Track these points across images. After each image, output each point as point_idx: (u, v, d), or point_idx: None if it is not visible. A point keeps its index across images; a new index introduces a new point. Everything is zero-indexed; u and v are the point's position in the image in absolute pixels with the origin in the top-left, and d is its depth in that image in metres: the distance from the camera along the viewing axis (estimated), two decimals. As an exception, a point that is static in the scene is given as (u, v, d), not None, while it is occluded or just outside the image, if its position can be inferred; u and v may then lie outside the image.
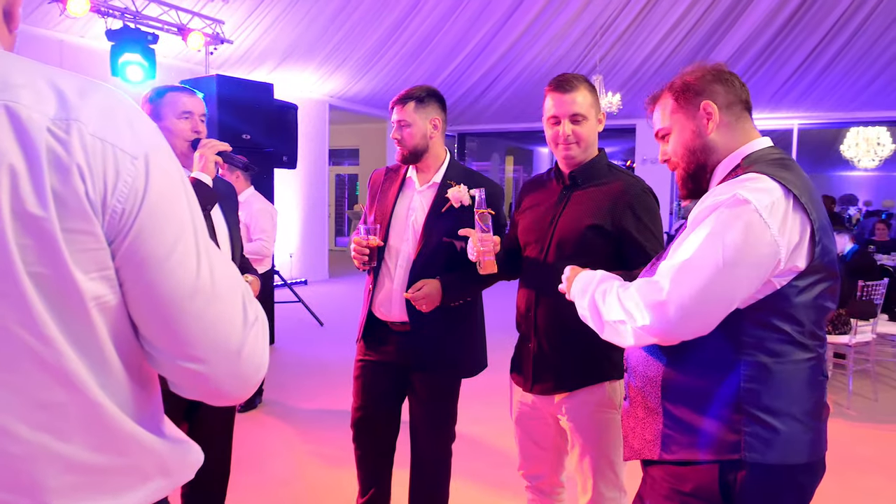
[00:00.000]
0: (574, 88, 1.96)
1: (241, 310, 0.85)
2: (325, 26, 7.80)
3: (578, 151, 2.00)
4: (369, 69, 9.28)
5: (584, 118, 1.97)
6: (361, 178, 15.57)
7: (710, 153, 1.42)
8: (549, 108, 2.00)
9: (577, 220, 1.97)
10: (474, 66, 9.47)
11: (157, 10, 6.19)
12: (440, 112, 2.34)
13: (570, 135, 1.97)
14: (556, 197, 2.06)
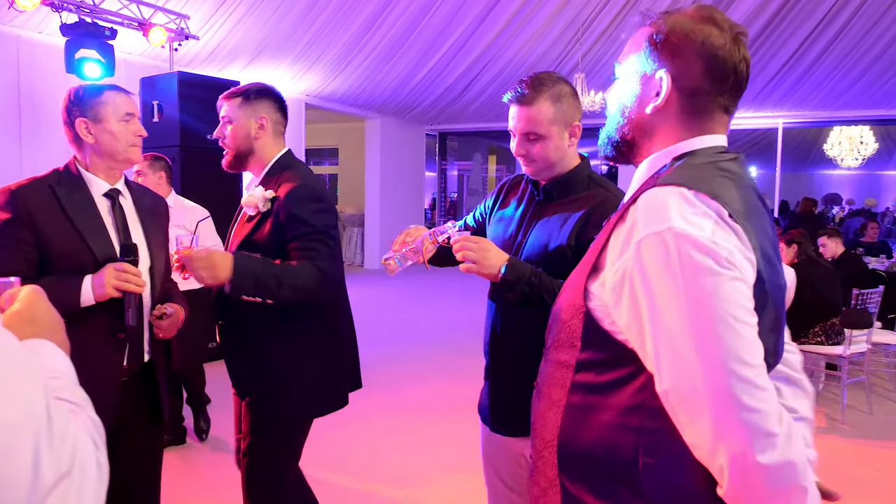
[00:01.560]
0: (531, 101, 1.70)
1: (27, 465, 0.56)
2: (297, 22, 7.51)
3: (539, 169, 1.77)
4: (345, 67, 9.00)
5: (541, 137, 1.71)
6: (341, 178, 15.27)
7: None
8: (509, 118, 1.78)
9: (545, 242, 1.74)
10: (453, 63, 9.23)
11: (117, 3, 5.87)
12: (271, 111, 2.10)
13: (525, 154, 1.75)
14: (527, 211, 1.84)
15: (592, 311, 1.04)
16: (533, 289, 1.63)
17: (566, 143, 1.74)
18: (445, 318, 7.74)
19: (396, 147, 12.45)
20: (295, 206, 1.96)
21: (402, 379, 5.21)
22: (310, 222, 1.97)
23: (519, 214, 1.85)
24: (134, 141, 1.91)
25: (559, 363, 1.12)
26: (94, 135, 1.86)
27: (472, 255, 1.64)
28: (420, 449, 3.83)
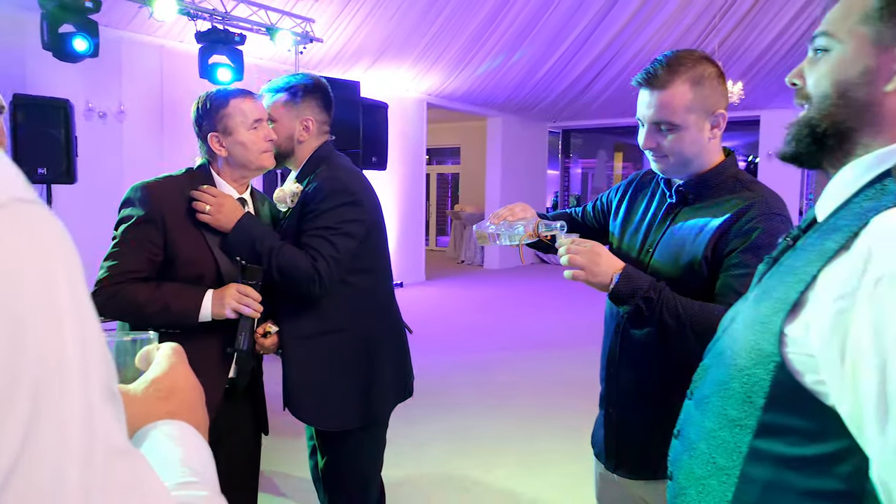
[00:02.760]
0: (665, 83, 1.41)
1: None
2: (417, 22, 7.50)
3: (671, 167, 1.49)
4: (465, 65, 8.91)
5: (675, 127, 1.43)
6: (462, 177, 15.27)
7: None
8: (638, 104, 1.51)
9: (675, 253, 1.47)
10: (577, 58, 8.88)
11: (247, 10, 6.11)
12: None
13: (655, 147, 1.46)
14: (656, 216, 1.56)
15: (789, 361, 0.79)
16: (650, 305, 1.37)
17: (706, 134, 1.44)
18: (567, 325, 7.43)
19: (518, 145, 12.24)
20: (314, 199, 1.87)
21: (515, 387, 5.01)
22: (323, 217, 1.85)
23: (647, 219, 1.58)
24: (265, 147, 1.87)
25: (727, 419, 0.87)
26: (227, 147, 1.84)
27: (579, 261, 1.41)
28: (534, 468, 3.61)
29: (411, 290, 9.54)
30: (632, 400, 1.56)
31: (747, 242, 1.35)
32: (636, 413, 1.55)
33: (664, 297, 1.37)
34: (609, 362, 1.62)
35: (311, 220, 1.86)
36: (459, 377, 5.23)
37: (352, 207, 1.90)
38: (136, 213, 1.74)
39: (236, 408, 1.93)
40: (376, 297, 2.03)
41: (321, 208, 1.85)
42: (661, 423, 1.48)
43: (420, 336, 6.66)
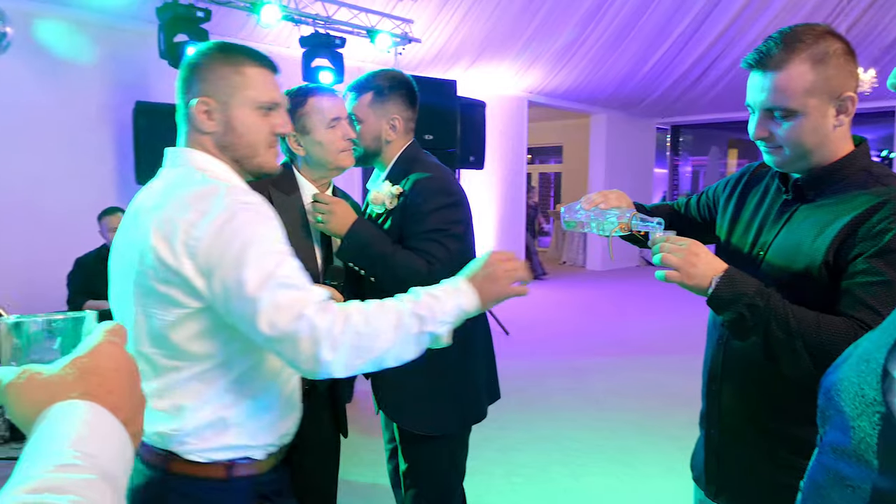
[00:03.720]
0: (780, 63, 1.21)
1: None
2: (517, 18, 7.39)
3: (787, 160, 1.29)
4: (567, 61, 8.69)
5: (792, 113, 1.23)
6: (565, 176, 14.97)
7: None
8: (747, 88, 1.32)
9: (790, 256, 1.28)
10: (686, 49, 8.43)
11: (348, 14, 6.24)
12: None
13: (768, 136, 1.28)
14: (769, 214, 1.38)
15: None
16: (756, 313, 1.19)
17: (831, 122, 1.24)
18: (673, 331, 7.07)
19: (623, 143, 11.83)
20: (418, 201, 1.82)
21: (613, 394, 4.81)
22: (429, 219, 1.80)
23: (759, 217, 1.39)
24: (343, 146, 1.85)
25: (838, 477, 0.70)
26: (304, 146, 1.83)
27: (674, 261, 1.25)
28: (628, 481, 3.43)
29: (510, 291, 9.43)
30: (735, 421, 1.40)
31: (878, 246, 1.15)
32: (740, 436, 1.39)
33: (773, 305, 1.19)
34: (710, 378, 1.46)
35: (416, 222, 1.82)
36: (555, 382, 5.08)
37: (455, 208, 1.88)
38: None
39: (316, 410, 1.92)
40: None
41: (424, 210, 1.82)
42: (768, 449, 1.32)
43: (517, 338, 6.55)
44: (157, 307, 1.17)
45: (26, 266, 5.35)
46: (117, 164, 5.90)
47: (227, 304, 1.13)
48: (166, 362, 1.20)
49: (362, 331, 1.12)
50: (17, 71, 5.27)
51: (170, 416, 1.20)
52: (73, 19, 5.51)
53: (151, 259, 1.15)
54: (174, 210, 1.16)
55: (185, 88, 1.29)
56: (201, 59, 1.29)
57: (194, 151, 1.28)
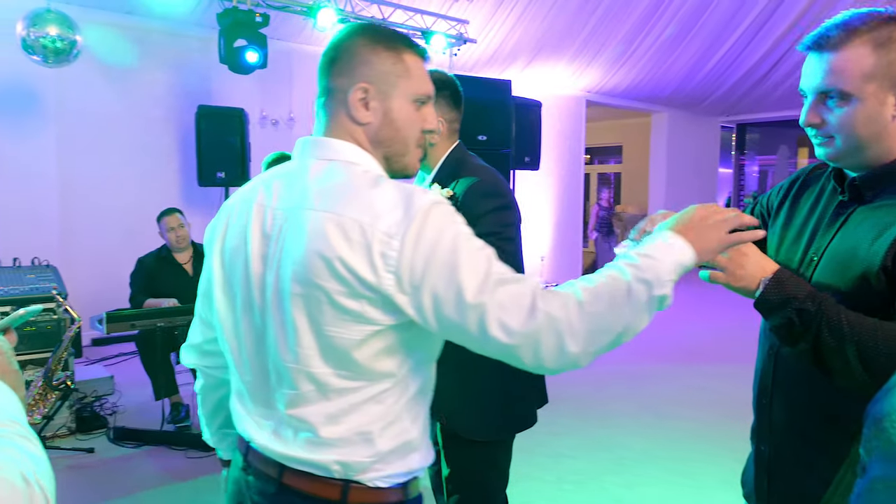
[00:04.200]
0: (838, 44, 1.13)
1: None
2: (574, 16, 7.27)
3: (840, 152, 1.18)
4: (627, 59, 8.51)
5: (847, 98, 1.13)
6: (625, 177, 14.66)
7: None
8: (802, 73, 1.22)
9: (845, 261, 1.17)
10: (752, 44, 8.12)
11: (403, 16, 6.27)
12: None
13: (819, 122, 1.18)
14: (823, 216, 1.27)
15: None
16: (806, 319, 1.09)
17: (889, 111, 1.13)
18: (733, 337, 6.81)
19: (685, 142, 11.49)
20: (470, 204, 1.77)
21: (670, 401, 4.66)
22: (483, 223, 1.74)
23: (813, 221, 1.29)
24: None
25: None
26: None
27: (721, 260, 1.16)
28: (682, 490, 3.31)
29: (566, 293, 9.30)
30: (787, 437, 1.30)
31: None
32: (793, 453, 1.29)
33: (825, 310, 1.09)
34: (761, 391, 1.36)
35: (470, 226, 1.80)
36: (610, 387, 4.96)
37: (507, 211, 1.85)
38: None
39: None
40: None
41: (477, 213, 1.77)
42: (822, 468, 1.23)
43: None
44: (339, 325, 1.02)
45: (96, 265, 5.59)
46: (180, 167, 6.10)
47: (440, 317, 0.99)
48: (343, 383, 1.05)
49: (596, 310, 1.00)
50: (87, 78, 5.51)
51: (353, 443, 1.06)
52: (140, 27, 5.72)
53: (340, 272, 0.99)
54: (356, 212, 1.00)
55: (337, 72, 1.13)
56: (360, 40, 1.14)
57: (344, 143, 1.12)
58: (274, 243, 1.07)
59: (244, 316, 1.12)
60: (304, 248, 1.02)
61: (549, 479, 3.37)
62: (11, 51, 4.71)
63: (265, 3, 5.32)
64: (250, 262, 1.10)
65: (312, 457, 1.06)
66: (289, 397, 1.07)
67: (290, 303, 1.04)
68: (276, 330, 1.07)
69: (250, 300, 1.10)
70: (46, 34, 4.47)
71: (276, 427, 1.10)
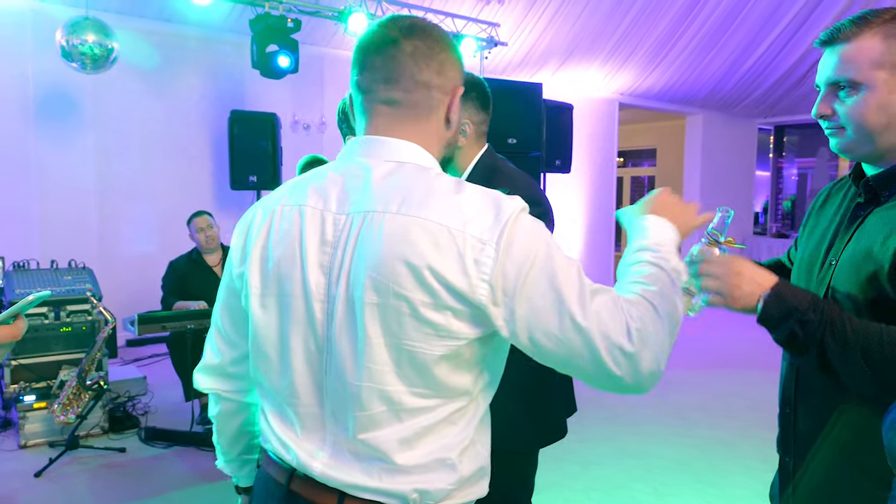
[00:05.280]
0: (849, 36, 1.13)
1: None
2: (606, 18, 7.19)
3: (850, 143, 1.17)
4: (661, 60, 8.38)
5: (856, 86, 1.12)
6: (658, 180, 14.45)
7: None
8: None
9: (857, 263, 1.14)
10: (791, 44, 7.93)
11: (434, 19, 6.27)
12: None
13: (831, 114, 1.17)
14: (843, 220, 1.25)
15: None
16: (809, 329, 1.07)
17: None
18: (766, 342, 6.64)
19: (721, 144, 11.27)
20: None
21: (700, 409, 4.56)
22: None
23: (833, 226, 1.26)
24: None
25: None
26: None
27: (714, 285, 1.14)
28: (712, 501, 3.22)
29: (598, 298, 9.18)
30: (811, 449, 1.26)
31: None
32: (818, 465, 1.25)
33: (828, 318, 1.07)
34: (784, 400, 1.33)
35: None
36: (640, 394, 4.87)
37: (545, 218, 1.81)
38: None
39: None
40: None
41: None
42: (849, 480, 1.19)
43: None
44: (421, 339, 0.93)
45: (132, 268, 5.71)
46: (213, 171, 6.19)
47: (532, 328, 0.93)
48: (418, 402, 0.97)
49: (666, 312, 0.97)
50: (124, 84, 5.64)
51: (433, 469, 0.98)
52: (175, 34, 5.83)
53: (428, 280, 0.91)
54: (444, 217, 0.93)
55: (432, 70, 1.02)
56: (448, 38, 1.06)
57: (409, 144, 1.03)
58: (340, 251, 0.97)
59: (296, 331, 1.00)
60: (380, 254, 0.92)
61: (576, 487, 3.32)
62: (51, 59, 4.85)
63: (297, 8, 5.37)
64: (307, 273, 0.98)
65: (385, 486, 0.97)
66: (357, 420, 0.97)
67: (363, 315, 0.93)
68: (342, 346, 0.97)
69: (308, 314, 0.99)
70: (84, 41, 4.59)
71: (335, 453, 1.00)
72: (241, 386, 1.16)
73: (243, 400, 1.18)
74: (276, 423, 1.06)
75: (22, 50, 5.19)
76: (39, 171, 5.34)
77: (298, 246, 1.00)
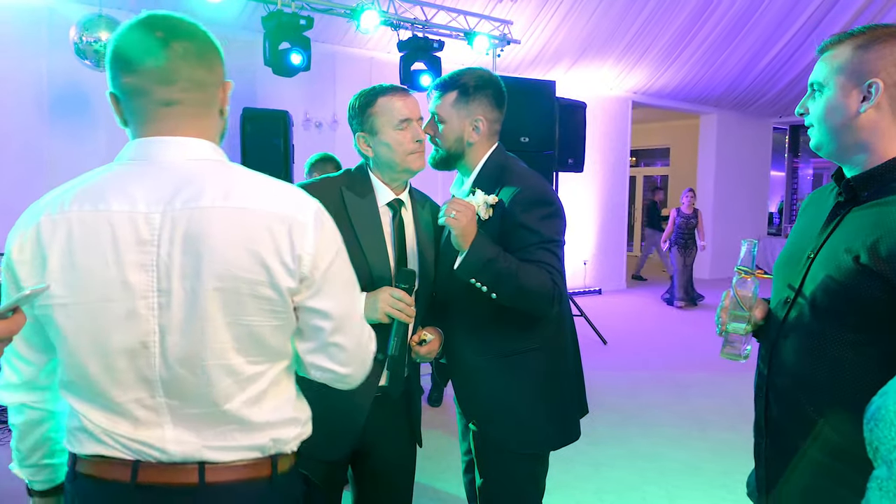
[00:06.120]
0: (833, 47, 1.26)
1: None
2: (620, 16, 7.14)
3: (816, 140, 1.32)
4: (675, 59, 8.31)
5: (819, 88, 1.27)
6: (672, 180, 14.36)
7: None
8: None
9: (839, 255, 1.22)
10: (808, 42, 7.84)
11: (446, 17, 6.25)
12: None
13: (804, 111, 1.31)
14: (824, 218, 1.33)
15: None
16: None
17: (854, 105, 1.22)
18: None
19: (735, 144, 11.18)
20: (521, 213, 1.71)
21: (715, 412, 4.51)
22: (539, 231, 1.70)
23: (814, 223, 1.35)
24: (412, 148, 1.76)
25: None
26: (372, 147, 1.78)
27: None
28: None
29: (609, 298, 9.13)
30: (785, 429, 1.36)
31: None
32: (785, 443, 1.34)
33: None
34: (758, 386, 1.45)
35: (523, 233, 1.73)
36: (653, 395, 4.83)
37: (558, 218, 1.80)
38: None
39: (389, 417, 1.87)
40: (563, 309, 1.88)
41: (529, 222, 1.73)
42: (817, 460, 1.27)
43: (614, 348, 6.31)
44: (258, 314, 1.08)
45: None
46: (226, 168, 6.19)
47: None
48: (255, 369, 1.12)
49: None
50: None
51: (280, 420, 1.13)
52: (189, 31, 5.83)
53: (267, 262, 1.10)
54: (268, 205, 1.22)
55: (204, 68, 1.10)
56: (209, 35, 1.15)
57: (202, 142, 1.10)
58: (166, 247, 1.01)
59: (115, 330, 1.02)
60: (218, 244, 1.00)
61: (588, 489, 3.29)
62: (66, 56, 4.86)
63: (309, 5, 5.36)
64: (125, 274, 1.01)
65: (244, 443, 1.08)
66: (207, 395, 1.04)
67: (205, 300, 1.01)
68: (182, 333, 1.02)
69: (130, 312, 1.01)
70: (98, 39, 4.60)
71: (186, 429, 1.06)
72: (49, 396, 1.16)
73: (51, 409, 1.17)
74: (106, 422, 1.06)
75: (37, 47, 5.21)
76: (52, 167, 5.37)
77: (111, 249, 1.01)
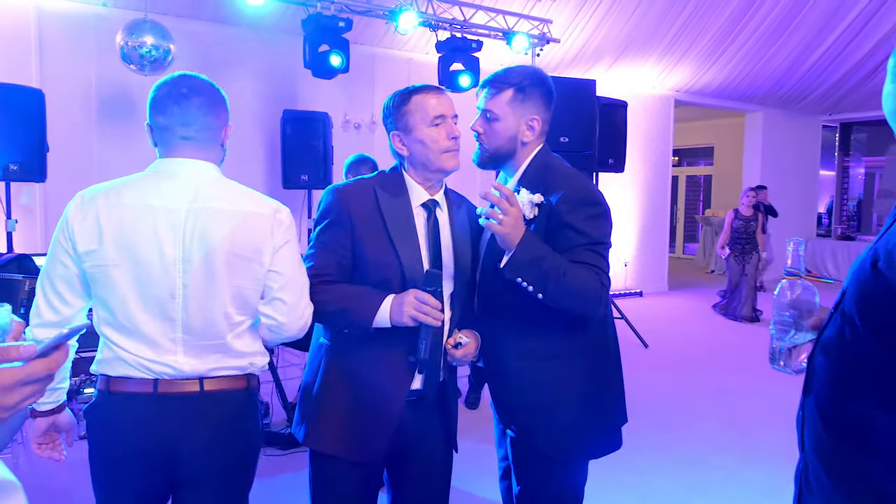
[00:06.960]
0: None
1: None
2: (662, 13, 6.99)
3: None
4: (719, 56, 8.11)
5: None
6: (716, 180, 14.05)
7: None
8: None
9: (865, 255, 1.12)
10: (860, 37, 7.57)
11: (485, 17, 6.21)
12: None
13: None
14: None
15: None
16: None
17: None
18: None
19: (782, 143, 10.86)
20: (568, 213, 1.67)
21: (762, 418, 4.37)
22: (586, 231, 1.66)
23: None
24: (447, 146, 1.74)
25: None
26: (407, 146, 1.76)
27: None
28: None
29: (651, 301, 8.96)
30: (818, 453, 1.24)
31: None
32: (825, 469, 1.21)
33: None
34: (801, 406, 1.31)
35: (570, 233, 1.69)
36: (697, 401, 4.71)
37: (606, 218, 1.76)
38: (328, 215, 1.74)
39: (425, 420, 1.85)
40: (608, 312, 1.84)
41: (576, 223, 1.69)
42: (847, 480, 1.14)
43: (656, 351, 6.18)
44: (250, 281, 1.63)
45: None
46: (266, 170, 6.27)
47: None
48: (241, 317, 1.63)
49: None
50: (182, 85, 5.73)
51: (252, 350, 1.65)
52: (229, 36, 5.93)
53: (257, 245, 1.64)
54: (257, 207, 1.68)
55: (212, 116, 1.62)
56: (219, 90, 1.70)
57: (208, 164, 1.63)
58: (190, 232, 1.53)
59: (151, 285, 1.51)
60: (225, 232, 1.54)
61: (630, 497, 3.22)
62: (112, 61, 4.98)
63: (348, 7, 5.38)
64: (162, 247, 1.50)
65: (231, 363, 1.60)
66: (209, 330, 1.55)
67: (216, 268, 1.54)
68: (200, 288, 1.53)
69: (164, 272, 1.51)
70: (143, 43, 4.69)
71: (193, 356, 1.55)
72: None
73: (72, 343, 1.57)
74: (137, 349, 1.52)
75: (86, 53, 5.35)
76: (102, 170, 5.50)
77: (152, 230, 1.50)
